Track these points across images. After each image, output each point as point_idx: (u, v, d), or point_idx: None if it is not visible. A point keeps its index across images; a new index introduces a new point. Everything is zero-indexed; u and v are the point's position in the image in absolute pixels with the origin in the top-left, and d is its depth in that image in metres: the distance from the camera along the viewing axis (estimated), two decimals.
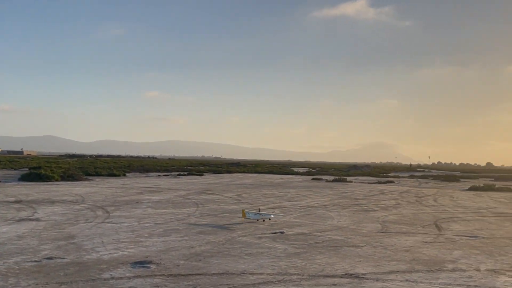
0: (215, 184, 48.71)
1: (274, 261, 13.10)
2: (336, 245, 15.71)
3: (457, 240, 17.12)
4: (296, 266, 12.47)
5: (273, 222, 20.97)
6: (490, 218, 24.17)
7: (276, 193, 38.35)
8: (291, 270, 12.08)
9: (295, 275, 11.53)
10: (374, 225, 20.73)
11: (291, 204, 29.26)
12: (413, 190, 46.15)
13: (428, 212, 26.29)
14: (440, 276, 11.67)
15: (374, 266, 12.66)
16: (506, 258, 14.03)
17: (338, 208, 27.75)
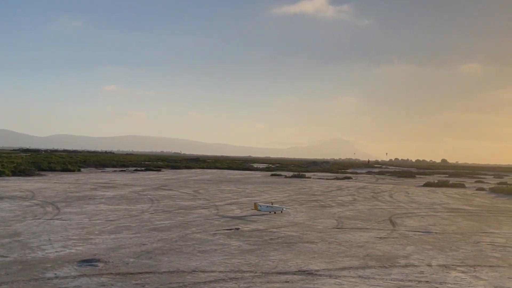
0: (172, 180, 48.01)
1: (227, 258, 12.83)
2: (291, 241, 15.57)
3: (410, 236, 17.28)
4: (249, 263, 12.23)
5: (228, 218, 20.70)
6: (443, 214, 24.62)
7: (234, 189, 38.06)
8: (244, 267, 11.84)
9: (248, 273, 11.29)
10: (330, 221, 20.74)
11: (249, 200, 29.03)
12: (370, 186, 46.75)
13: (384, 208, 26.58)
14: (393, 272, 11.67)
15: (328, 262, 12.56)
16: (457, 254, 14.20)
17: (295, 204, 27.72)
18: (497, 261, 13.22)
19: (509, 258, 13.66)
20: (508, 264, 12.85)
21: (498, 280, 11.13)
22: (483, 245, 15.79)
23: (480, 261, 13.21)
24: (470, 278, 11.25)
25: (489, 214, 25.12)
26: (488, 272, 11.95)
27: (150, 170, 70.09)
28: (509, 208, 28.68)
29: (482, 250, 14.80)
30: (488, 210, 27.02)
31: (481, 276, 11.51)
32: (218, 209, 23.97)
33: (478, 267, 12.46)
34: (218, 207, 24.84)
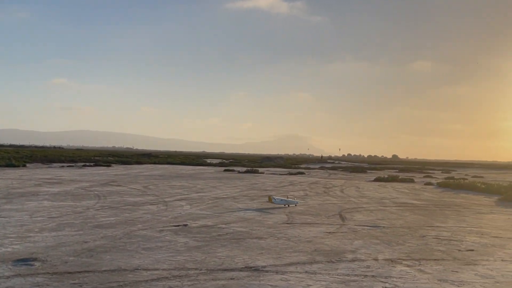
0: (122, 176, 46.91)
1: (173, 255, 12.42)
2: (239, 237, 15.30)
3: (359, 230, 17.34)
4: (195, 260, 11.87)
5: (177, 215, 20.24)
6: (392, 208, 24.98)
7: (186, 185, 37.50)
8: (189, 264, 11.47)
9: (193, 270, 10.93)
10: (280, 216, 20.61)
11: (199, 196, 28.61)
12: (322, 181, 47.16)
13: (334, 203, 26.73)
14: (339, 267, 11.58)
15: (275, 258, 12.35)
16: (403, 247, 14.31)
17: (246, 199, 27.49)
18: (442, 255, 13.38)
19: (453, 252, 13.85)
20: (452, 258, 13.02)
21: (442, 274, 11.22)
22: (429, 238, 16.01)
23: (425, 254, 13.34)
24: (415, 272, 11.30)
25: (436, 208, 25.67)
26: (433, 265, 12.05)
27: (100, 166, 68.38)
28: (455, 202, 29.44)
29: (428, 244, 14.98)
30: (435, 204, 27.64)
31: (425, 269, 11.59)
32: (167, 205, 23.44)
33: (423, 260, 12.56)
34: (167, 203, 24.30)
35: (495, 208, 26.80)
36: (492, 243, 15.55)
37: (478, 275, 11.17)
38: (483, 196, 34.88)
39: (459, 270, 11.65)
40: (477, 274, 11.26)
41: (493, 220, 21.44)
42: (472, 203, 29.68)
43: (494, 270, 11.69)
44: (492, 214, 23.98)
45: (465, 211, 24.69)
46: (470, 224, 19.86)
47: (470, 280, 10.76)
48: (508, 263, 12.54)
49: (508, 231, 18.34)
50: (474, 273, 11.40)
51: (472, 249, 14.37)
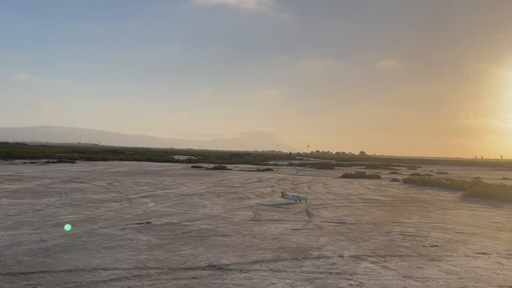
0: (86, 172, 45.86)
1: (134, 254, 12.02)
2: (204, 235, 14.98)
3: (325, 227, 17.25)
4: (156, 259, 11.50)
5: (141, 212, 19.77)
6: (358, 205, 25.04)
7: (151, 181, 36.88)
8: (151, 263, 11.10)
9: (154, 269, 10.57)
10: (246, 213, 20.37)
11: (165, 193, 28.12)
12: (290, 178, 47.17)
13: None
14: (304, 264, 11.41)
15: (240, 256, 12.10)
16: (368, 244, 14.25)
17: (213, 196, 27.15)
18: (407, 251, 13.38)
19: (418, 248, 13.87)
20: (417, 254, 13.02)
21: (406, 270, 11.17)
22: (394, 234, 16.02)
23: (390, 251, 13.30)
24: (380, 269, 11.22)
25: (401, 204, 25.88)
26: (398, 262, 12.01)
27: (63, 162, 66.82)
28: (420, 198, 29.79)
29: (393, 240, 14.97)
30: (400, 200, 27.88)
31: (390, 266, 11.52)
32: (131, 203, 22.91)
33: (388, 257, 12.51)
34: (131, 200, 23.76)
35: (459, 204, 27.21)
36: (456, 238, 15.67)
37: (442, 271, 11.17)
38: (447, 192, 35.44)
39: (423, 266, 11.63)
40: (441, 270, 11.25)
41: (457, 216, 21.72)
42: (437, 199, 30.09)
43: (458, 266, 11.72)
44: (456, 210, 24.31)
45: (430, 207, 24.97)
46: (435, 220, 20.04)
47: (435, 276, 10.74)
48: (472, 259, 12.61)
49: (471, 226, 18.56)
50: (438, 269, 11.40)
51: (437, 245, 14.43)
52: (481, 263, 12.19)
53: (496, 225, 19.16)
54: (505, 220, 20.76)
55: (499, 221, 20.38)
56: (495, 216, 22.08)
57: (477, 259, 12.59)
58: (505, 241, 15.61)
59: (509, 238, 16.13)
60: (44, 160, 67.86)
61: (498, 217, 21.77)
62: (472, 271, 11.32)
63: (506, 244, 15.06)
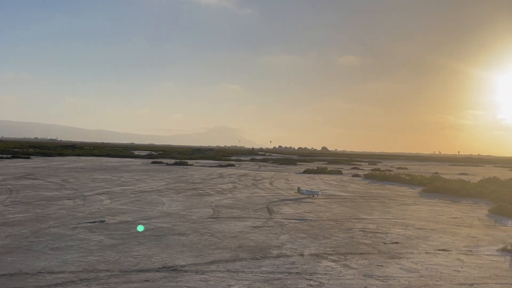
0: (41, 168, 44.23)
1: (83, 255, 11.32)
2: (160, 233, 14.37)
3: (285, 224, 16.90)
4: (107, 261, 10.86)
5: (95, 210, 18.96)
6: (320, 201, 24.84)
7: (109, 178, 35.80)
8: (101, 265, 10.45)
9: (104, 272, 9.94)
10: (206, 210, 19.82)
11: (122, 190, 27.24)
12: (251, 174, 46.78)
13: (262, 195, 26.28)
14: (263, 264, 10.99)
15: (196, 256, 11.58)
16: (329, 241, 13.97)
17: (172, 192, 26.46)
18: (367, 248, 13.16)
19: (378, 245, 13.68)
20: (378, 251, 12.82)
21: (367, 268, 10.92)
22: (355, 231, 15.82)
23: (351, 248, 13.05)
24: (341, 267, 10.92)
25: (362, 200, 25.86)
26: (359, 260, 11.75)
27: (18, 158, 64.47)
28: (381, 194, 29.91)
29: (354, 237, 14.75)
30: (361, 196, 27.89)
31: (351, 264, 11.24)
32: (85, 200, 22.01)
33: (349, 255, 12.25)
34: (86, 198, 22.85)
35: (419, 199, 27.42)
36: (416, 235, 15.59)
37: (403, 269, 10.96)
38: (407, 188, 35.80)
39: (384, 264, 11.40)
40: (402, 268, 11.04)
41: (417, 212, 21.79)
42: (397, 194, 30.28)
43: (419, 264, 11.55)
44: (416, 205, 24.44)
45: (390, 203, 25.03)
46: (395, 216, 20.02)
47: (395, 274, 10.51)
48: (432, 256, 12.48)
49: (431, 222, 18.59)
50: (399, 267, 11.19)
51: (397, 241, 14.29)
52: (441, 260, 12.06)
53: (455, 221, 19.27)
54: (464, 216, 20.95)
55: (458, 217, 20.54)
56: (454, 212, 22.27)
57: (438, 256, 12.48)
58: (464, 237, 15.63)
59: (468, 234, 16.17)
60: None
61: (457, 213, 21.97)
62: (433, 268, 11.16)
63: (465, 240, 15.06)
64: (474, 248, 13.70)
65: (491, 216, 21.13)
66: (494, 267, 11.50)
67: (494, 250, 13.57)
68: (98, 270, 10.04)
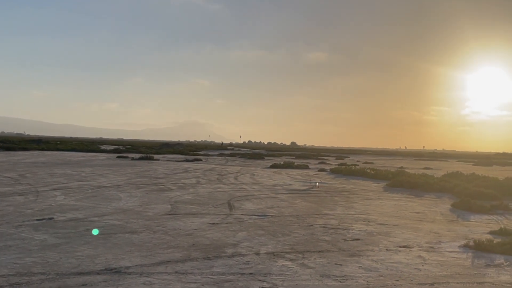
0: None
1: (21, 256, 10.44)
2: (110, 232, 13.54)
3: (245, 220, 16.26)
4: (45, 263, 10.01)
5: (46, 206, 17.96)
6: (283, 196, 24.32)
7: (69, 172, 34.52)
8: (37, 268, 9.60)
9: (39, 275, 9.11)
10: (164, 206, 19.03)
11: (80, 185, 26.15)
12: (217, 168, 46.00)
13: (225, 191, 25.59)
14: (216, 264, 10.32)
15: (144, 256, 10.82)
16: (288, 239, 13.38)
17: (132, 188, 25.51)
18: (327, 245, 12.63)
19: (339, 242, 13.17)
20: (337, 249, 12.30)
21: (325, 268, 10.36)
22: (315, 228, 15.29)
23: (310, 246, 12.49)
24: (297, 267, 10.33)
25: (326, 195, 25.43)
26: (317, 258, 11.19)
27: None
28: (345, 188, 29.58)
29: (314, 234, 14.21)
30: (325, 191, 27.46)
31: (308, 263, 10.67)
32: (38, 196, 20.94)
33: (307, 253, 11.68)
34: (39, 193, 21.76)
35: (383, 194, 27.19)
36: (378, 231, 15.18)
37: (362, 268, 10.46)
38: (372, 182, 35.64)
39: (343, 262, 10.88)
40: (361, 267, 10.54)
41: (380, 206, 21.47)
42: (362, 189, 30.02)
43: (379, 262, 11.07)
44: (379, 200, 24.15)
45: (354, 197, 24.68)
46: (358, 211, 19.62)
47: (354, 274, 10.00)
48: (393, 253, 12.04)
49: (393, 217, 18.26)
50: (358, 265, 10.69)
51: (358, 238, 13.82)
52: (402, 257, 11.62)
53: (418, 216, 19.00)
54: (427, 210, 20.72)
55: (420, 211, 20.30)
56: (417, 206, 22.05)
57: (399, 253, 12.04)
58: (426, 232, 15.30)
59: (430, 229, 15.86)
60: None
61: (420, 207, 21.75)
62: (393, 267, 10.69)
63: (427, 236, 14.72)
64: (436, 245, 13.34)
65: (454, 211, 20.98)
66: (456, 265, 11.12)
67: (456, 246, 13.24)
68: (32, 273, 9.20)
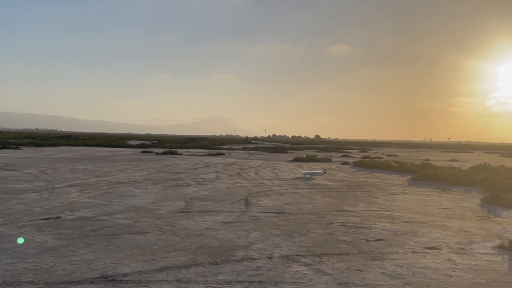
0: (24, 159, 42.54)
1: (14, 262, 9.72)
2: (116, 232, 12.78)
3: (260, 218, 15.32)
4: (38, 269, 9.26)
5: (57, 204, 17.36)
6: (303, 191, 23.29)
7: (90, 168, 34.18)
8: (27, 275, 8.85)
9: (26, 284, 8.35)
10: (178, 203, 18.24)
11: (98, 181, 25.63)
12: (239, 162, 45.18)
13: (244, 186, 24.69)
14: (222, 270, 9.42)
15: (146, 261, 9.98)
16: (305, 239, 12.38)
17: (149, 183, 24.86)
18: (347, 247, 11.59)
19: (360, 243, 12.12)
20: (358, 251, 11.25)
21: (344, 274, 9.35)
22: (335, 226, 14.24)
23: (328, 248, 11.48)
24: (313, 273, 9.35)
25: (348, 190, 24.30)
26: (335, 262, 10.18)
27: (7, 148, 62.83)
28: (368, 182, 28.37)
29: (333, 233, 13.17)
30: (348, 185, 26.30)
31: (325, 269, 9.68)
32: (52, 193, 20.43)
33: (325, 256, 10.68)
34: (54, 190, 21.27)
35: (408, 188, 25.90)
36: (403, 229, 14.04)
37: (385, 275, 9.41)
38: (396, 175, 34.28)
39: (364, 268, 9.85)
40: (384, 273, 9.48)
41: (405, 202, 20.25)
42: (386, 183, 28.74)
43: (404, 267, 9.99)
44: (404, 194, 22.90)
45: (378, 192, 23.48)
46: (382, 207, 18.47)
47: (376, 282, 8.96)
48: (419, 256, 10.93)
49: (419, 214, 17.06)
50: (381, 271, 9.64)
51: (381, 238, 12.74)
52: (430, 261, 10.52)
53: (446, 212, 17.75)
54: (455, 206, 19.42)
55: (448, 207, 19.02)
56: (444, 201, 20.76)
57: (426, 256, 10.92)
58: (456, 231, 14.10)
59: (459, 227, 14.65)
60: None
61: (448, 202, 20.46)
62: (420, 273, 9.60)
63: (457, 235, 13.53)
64: (467, 246, 12.16)
65: (484, 206, 19.64)
66: (491, 270, 9.96)
67: (490, 247, 12.04)
68: (20, 282, 8.45)
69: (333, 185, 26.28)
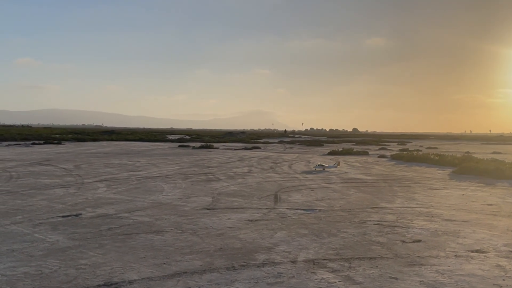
0: (63, 154, 42.92)
1: (17, 265, 9.07)
2: (133, 231, 12.04)
3: (288, 216, 14.32)
4: (39, 274, 8.56)
5: (82, 200, 16.86)
6: (337, 186, 22.11)
7: (124, 162, 33.98)
8: (25, 281, 8.14)
9: None
10: (204, 199, 17.45)
11: (129, 175, 25.21)
12: (273, 156, 44.22)
13: (275, 180, 23.72)
14: (239, 277, 8.49)
15: (158, 265, 9.16)
16: (334, 240, 11.31)
17: (179, 178, 24.23)
18: (381, 250, 10.45)
19: (395, 244, 10.96)
20: (393, 254, 10.11)
21: (376, 283, 8.26)
22: (369, 225, 13.09)
23: (359, 250, 10.37)
24: (340, 282, 8.31)
25: (385, 184, 22.94)
26: (366, 268, 9.10)
27: (51, 144, 64.02)
28: (405, 176, 26.86)
29: (366, 234, 12.03)
30: (384, 180, 24.91)
31: (355, 276, 8.61)
32: (80, 188, 20.04)
33: (355, 260, 9.60)
34: (83, 185, 20.91)
35: (449, 182, 24.29)
36: (444, 229, 12.76)
37: (424, 284, 8.25)
38: (436, 169, 32.52)
39: (399, 275, 8.72)
40: (422, 283, 8.33)
41: (446, 197, 18.80)
42: (425, 176, 27.16)
43: (446, 274, 8.81)
44: (445, 189, 21.38)
45: (416, 187, 22.04)
46: (420, 203, 17.14)
47: None
48: (463, 261, 9.70)
49: (462, 211, 15.67)
50: (419, 279, 8.50)
51: (420, 239, 11.52)
52: (476, 267, 9.28)
53: (491, 209, 16.26)
54: (501, 202, 17.85)
55: (494, 203, 17.49)
56: (488, 197, 19.19)
57: (471, 261, 9.68)
58: (503, 231, 12.71)
59: (507, 227, 13.24)
60: (30, 142, 64.98)
61: (492, 198, 18.89)
62: (465, 281, 8.41)
63: (505, 235, 12.16)
64: None
65: None
66: None
67: None
68: None
69: (369, 180, 24.96)
